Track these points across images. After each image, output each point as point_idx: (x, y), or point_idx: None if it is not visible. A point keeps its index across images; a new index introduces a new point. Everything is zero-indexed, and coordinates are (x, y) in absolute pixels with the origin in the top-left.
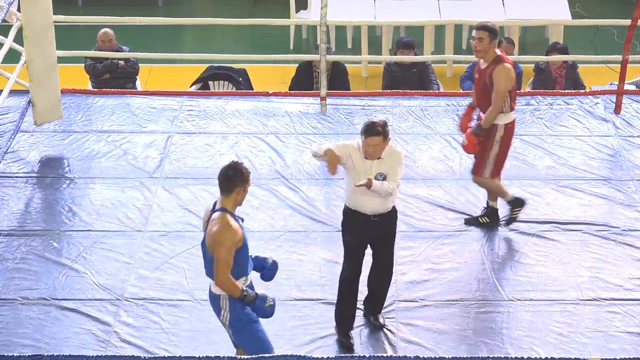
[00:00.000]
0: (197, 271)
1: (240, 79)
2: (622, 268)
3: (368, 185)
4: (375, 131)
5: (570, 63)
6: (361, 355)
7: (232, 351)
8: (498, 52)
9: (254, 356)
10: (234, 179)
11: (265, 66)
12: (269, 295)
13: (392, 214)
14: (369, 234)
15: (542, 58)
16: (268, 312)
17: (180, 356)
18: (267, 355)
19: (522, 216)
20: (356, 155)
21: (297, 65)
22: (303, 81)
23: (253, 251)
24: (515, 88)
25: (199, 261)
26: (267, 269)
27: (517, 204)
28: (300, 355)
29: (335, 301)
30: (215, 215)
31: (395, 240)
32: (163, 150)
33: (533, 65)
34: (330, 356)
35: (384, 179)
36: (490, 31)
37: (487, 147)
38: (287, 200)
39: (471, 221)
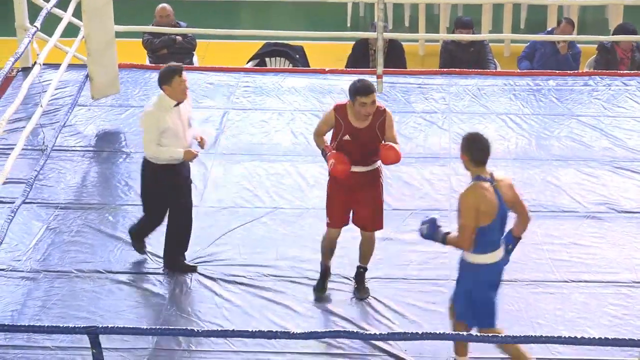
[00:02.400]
0: (251, 247)
1: (297, 56)
2: (633, 250)
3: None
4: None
5: (637, 45)
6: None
7: (281, 328)
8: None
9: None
10: None
11: (322, 43)
12: None
13: None
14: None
15: (600, 38)
16: None
17: (233, 330)
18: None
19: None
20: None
21: (353, 42)
22: (359, 58)
23: (307, 228)
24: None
25: (253, 237)
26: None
27: None
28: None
29: (388, 277)
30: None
31: None
32: (219, 126)
33: (592, 45)
34: (383, 333)
35: (191, 122)
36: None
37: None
38: None
39: None
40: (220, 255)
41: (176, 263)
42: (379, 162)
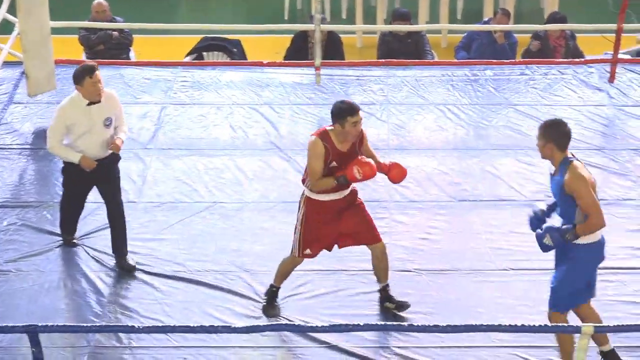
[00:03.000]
0: (191, 242)
1: (235, 49)
2: (616, 237)
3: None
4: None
5: (569, 33)
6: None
7: (223, 322)
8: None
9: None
10: None
11: (259, 37)
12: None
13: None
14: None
15: (536, 27)
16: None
17: (174, 325)
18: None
19: (516, 186)
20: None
21: (291, 35)
22: (297, 51)
23: (246, 222)
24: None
25: (192, 232)
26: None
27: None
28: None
29: (329, 269)
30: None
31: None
32: (157, 121)
33: (528, 34)
34: (325, 325)
35: (111, 122)
36: None
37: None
38: (281, 171)
39: None
40: (159, 251)
41: (117, 261)
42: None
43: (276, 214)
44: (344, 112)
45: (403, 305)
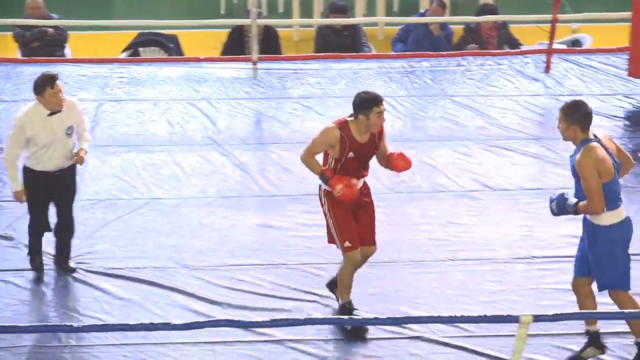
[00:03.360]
0: (129, 239)
1: (171, 45)
2: (553, 226)
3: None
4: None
5: (501, 23)
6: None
7: (162, 319)
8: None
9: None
10: None
11: (196, 32)
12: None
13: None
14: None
15: (471, 19)
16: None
17: (113, 324)
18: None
19: (453, 177)
20: None
21: (228, 30)
22: (235, 46)
23: (185, 218)
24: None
25: (131, 229)
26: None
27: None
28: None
29: (268, 264)
30: None
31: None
32: (94, 118)
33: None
34: (265, 320)
35: (73, 131)
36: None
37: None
38: (219, 166)
39: None
40: (98, 248)
41: (58, 263)
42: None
43: (215, 209)
44: (370, 102)
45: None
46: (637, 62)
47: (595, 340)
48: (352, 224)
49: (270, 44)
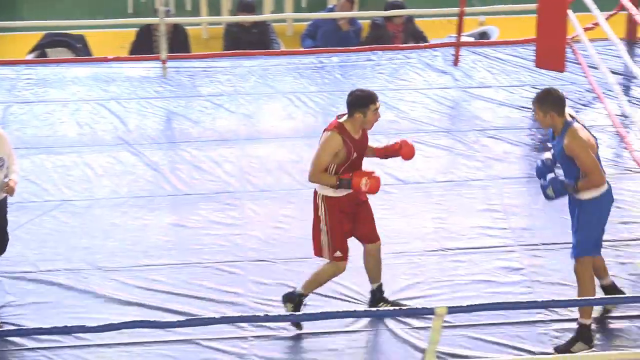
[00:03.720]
0: (41, 242)
1: (79, 45)
2: (465, 218)
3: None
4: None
5: (406, 17)
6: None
7: (77, 321)
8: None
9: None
10: None
11: (104, 32)
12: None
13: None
14: None
15: (380, 14)
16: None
17: (27, 328)
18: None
19: None
20: None
21: (136, 29)
22: (143, 45)
23: (97, 219)
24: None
25: (42, 231)
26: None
27: None
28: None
29: (183, 263)
30: None
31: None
32: (1, 120)
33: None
34: (181, 319)
35: (4, 164)
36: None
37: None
38: (130, 166)
39: None
40: (10, 252)
41: None
42: None
43: (127, 210)
44: (367, 100)
45: (398, 304)
46: (543, 53)
47: (585, 333)
48: (346, 235)
49: (179, 43)
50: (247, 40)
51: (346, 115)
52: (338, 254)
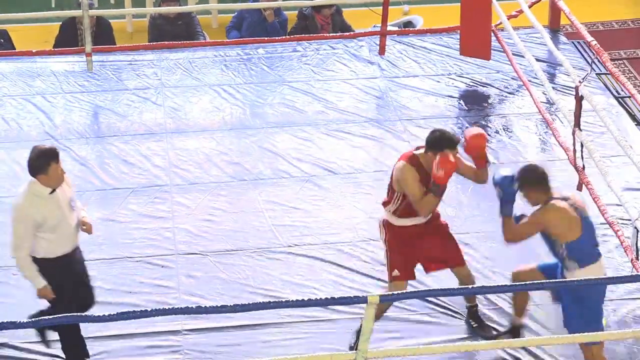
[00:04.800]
0: None
1: (1, 40)
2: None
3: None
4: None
5: (335, 8)
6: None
7: (6, 318)
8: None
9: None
10: None
11: (27, 26)
12: None
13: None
14: None
15: (307, 4)
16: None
17: None
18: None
19: (295, 162)
20: None
21: (60, 23)
22: (67, 39)
23: None
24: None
25: None
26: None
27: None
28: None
29: (113, 257)
30: None
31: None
32: None
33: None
34: (112, 313)
35: (75, 203)
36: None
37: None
38: None
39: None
40: None
41: None
42: None
43: None
44: (443, 144)
45: (485, 328)
46: (468, 41)
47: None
48: (407, 256)
49: (104, 36)
50: (172, 32)
51: (422, 149)
52: (396, 272)
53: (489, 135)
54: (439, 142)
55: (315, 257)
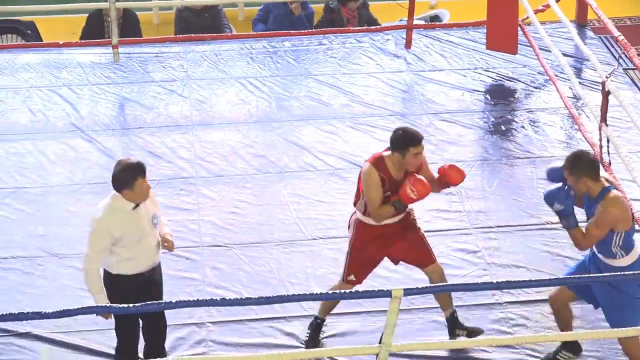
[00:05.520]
0: None
1: (29, 31)
2: (420, 201)
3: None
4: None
5: (362, 2)
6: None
7: (34, 308)
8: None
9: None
10: None
11: (54, 17)
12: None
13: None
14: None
15: None
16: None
17: None
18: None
19: (320, 156)
20: None
21: (86, 15)
22: (94, 31)
23: (52, 206)
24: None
25: None
26: None
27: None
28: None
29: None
30: None
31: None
32: None
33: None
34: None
35: (158, 220)
36: None
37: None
38: (84, 153)
39: None
40: None
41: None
42: None
43: (82, 197)
44: (406, 142)
45: (475, 332)
46: (494, 35)
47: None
48: (368, 260)
49: (130, 28)
50: (199, 25)
51: (389, 151)
52: (352, 277)
53: (515, 130)
54: (402, 140)
55: (340, 250)
